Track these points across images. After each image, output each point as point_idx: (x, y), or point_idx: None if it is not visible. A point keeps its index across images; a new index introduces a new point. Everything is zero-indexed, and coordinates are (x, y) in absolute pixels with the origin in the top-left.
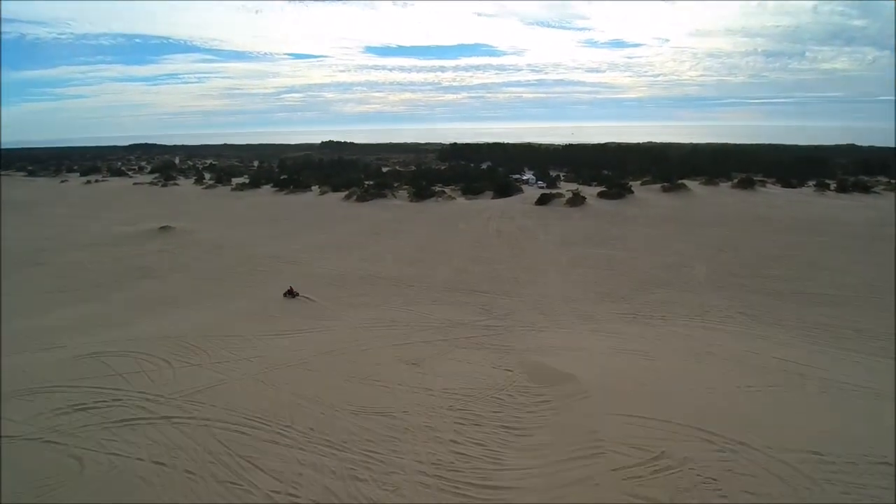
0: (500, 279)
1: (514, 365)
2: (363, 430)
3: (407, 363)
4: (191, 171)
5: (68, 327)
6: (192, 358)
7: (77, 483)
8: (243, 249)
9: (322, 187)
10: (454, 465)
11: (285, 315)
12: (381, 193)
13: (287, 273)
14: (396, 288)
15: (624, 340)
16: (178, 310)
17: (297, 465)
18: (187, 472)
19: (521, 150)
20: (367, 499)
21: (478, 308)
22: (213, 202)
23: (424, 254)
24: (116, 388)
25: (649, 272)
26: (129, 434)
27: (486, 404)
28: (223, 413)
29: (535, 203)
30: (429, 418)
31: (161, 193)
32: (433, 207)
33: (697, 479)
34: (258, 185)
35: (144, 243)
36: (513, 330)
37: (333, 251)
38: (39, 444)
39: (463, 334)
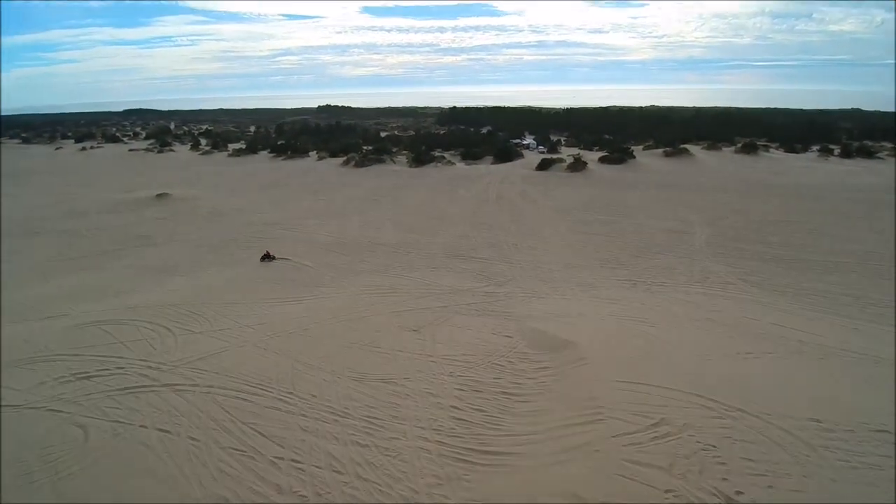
0: (500, 245)
1: (513, 332)
2: (365, 397)
3: (407, 330)
4: (186, 137)
5: (68, 296)
6: (194, 325)
7: (82, 451)
8: (242, 216)
9: (320, 153)
10: (455, 430)
11: (285, 282)
12: (379, 159)
13: (286, 240)
14: (396, 254)
15: (624, 307)
16: (178, 277)
17: (300, 432)
18: (191, 439)
19: (522, 113)
20: (368, 463)
21: (478, 274)
22: (209, 169)
23: (424, 220)
24: (119, 356)
25: (650, 238)
26: (132, 402)
27: (487, 371)
28: (226, 380)
29: (536, 168)
30: (430, 384)
31: (157, 160)
32: (432, 173)
33: (697, 445)
34: (255, 150)
35: (142, 211)
36: (513, 296)
37: (332, 218)
38: (43, 413)
39: (463, 301)
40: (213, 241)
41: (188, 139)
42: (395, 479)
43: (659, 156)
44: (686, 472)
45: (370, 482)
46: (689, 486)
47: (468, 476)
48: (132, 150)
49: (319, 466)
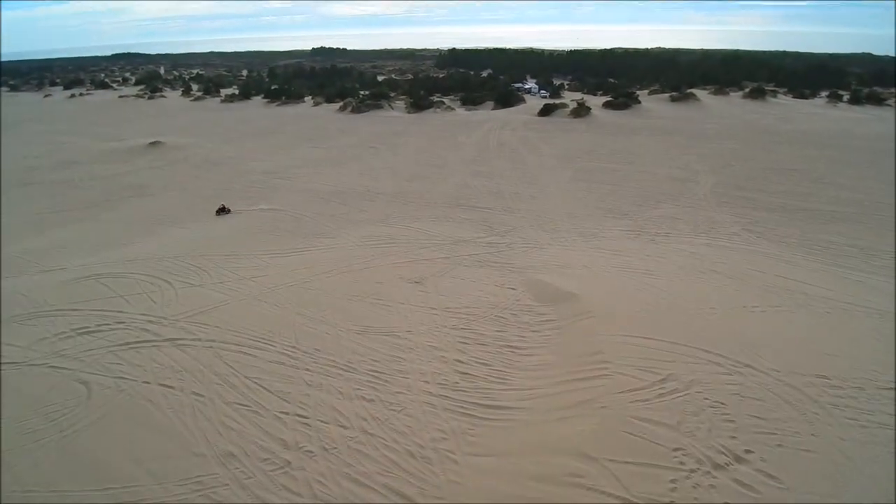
0: (501, 194)
1: (516, 283)
2: (368, 350)
3: (409, 281)
4: (177, 82)
5: (64, 248)
6: (193, 278)
7: (86, 408)
8: (236, 165)
9: (315, 98)
10: (459, 385)
11: (284, 233)
12: (377, 104)
13: (282, 189)
14: (396, 204)
15: (627, 258)
16: (174, 228)
17: (304, 386)
18: (195, 395)
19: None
20: (373, 418)
21: (479, 224)
22: (202, 115)
23: (423, 168)
24: (119, 310)
25: (654, 187)
26: (134, 357)
27: (490, 323)
28: (228, 334)
29: (538, 114)
30: (433, 337)
31: (148, 106)
32: (432, 118)
33: (705, 402)
34: (248, 96)
35: (135, 159)
36: (515, 247)
37: (330, 166)
38: (45, 370)
39: (465, 252)
40: (208, 191)
41: (179, 84)
42: (401, 434)
43: (665, 101)
44: (694, 429)
45: (375, 437)
46: (698, 444)
47: (473, 430)
48: (122, 96)
49: (325, 421)
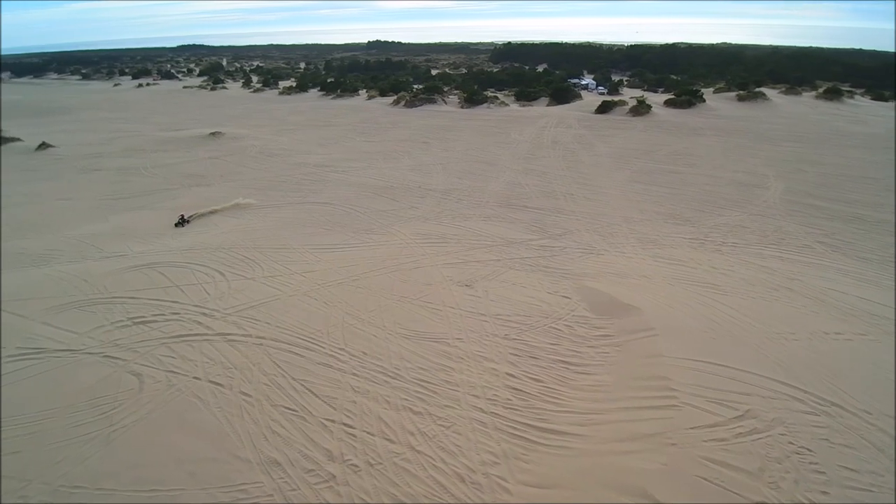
0: (554, 195)
1: (571, 291)
2: (416, 357)
3: (459, 284)
4: (238, 74)
5: (125, 235)
6: (245, 271)
7: (136, 402)
8: (290, 157)
9: (369, 91)
10: (511, 402)
11: (334, 227)
12: (430, 98)
13: (334, 182)
14: (446, 201)
15: (690, 269)
16: (228, 219)
17: (352, 392)
18: (243, 394)
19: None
20: (421, 433)
21: (531, 226)
22: (260, 106)
23: (475, 165)
24: (174, 300)
25: (719, 191)
26: (186, 350)
27: (543, 335)
28: (277, 332)
29: (595, 111)
30: (483, 347)
31: (210, 97)
32: (484, 114)
33: (789, 447)
34: (305, 88)
35: (195, 149)
36: (569, 251)
37: (381, 160)
38: (100, 359)
39: (516, 254)
40: (262, 182)
41: (240, 76)
42: (449, 453)
43: (731, 99)
44: (778, 479)
45: (423, 454)
46: (784, 498)
47: (526, 456)
48: (186, 86)
49: (371, 433)
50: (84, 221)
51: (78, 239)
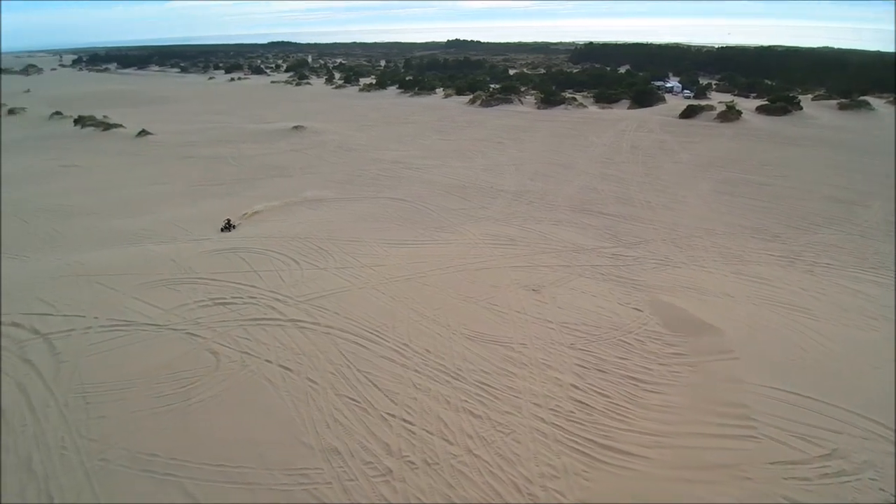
0: (630, 201)
1: (644, 304)
2: (479, 359)
3: (526, 288)
4: (322, 71)
5: (211, 219)
6: (319, 260)
7: (212, 379)
8: (368, 153)
9: (446, 90)
10: (574, 415)
11: (406, 223)
12: (506, 98)
13: (408, 179)
14: (518, 203)
15: (778, 289)
16: (307, 210)
17: (413, 389)
18: (310, 381)
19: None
20: (480, 437)
21: (604, 232)
22: (341, 102)
23: (548, 167)
24: (251, 284)
25: (813, 207)
26: (260, 334)
27: (611, 348)
28: (345, 322)
29: (679, 116)
30: (548, 355)
31: (295, 92)
32: (561, 115)
33: (881, 495)
34: (384, 86)
35: (278, 142)
36: (643, 262)
37: (455, 158)
38: (182, 336)
39: (588, 261)
40: (339, 176)
41: (323, 72)
42: (507, 461)
43: (832, 108)
44: None
45: (481, 459)
46: None
47: (587, 473)
48: (274, 81)
49: (430, 432)
50: (176, 205)
51: (169, 221)
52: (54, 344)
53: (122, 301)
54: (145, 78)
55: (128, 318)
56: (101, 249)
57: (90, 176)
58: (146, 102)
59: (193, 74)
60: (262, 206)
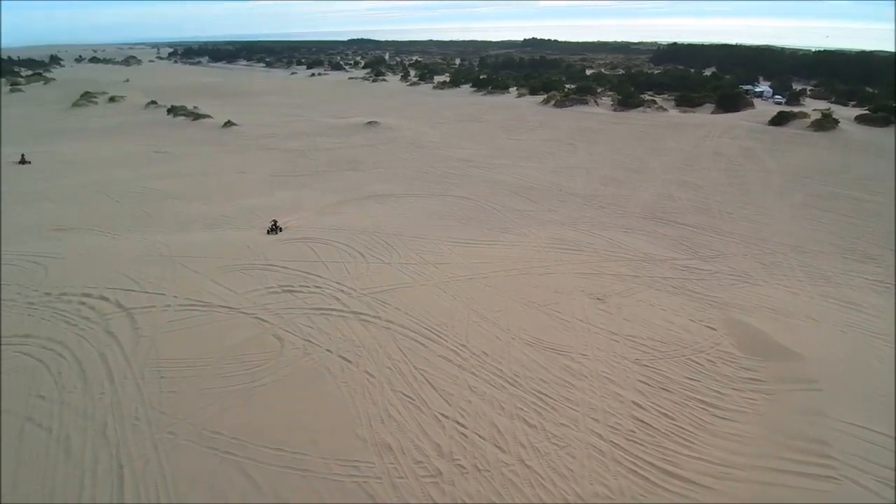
0: (709, 211)
1: (718, 322)
2: (536, 366)
3: (591, 297)
4: (398, 68)
5: (286, 209)
6: (384, 255)
7: (276, 363)
8: (438, 150)
9: (520, 89)
10: (634, 434)
11: (471, 223)
12: (581, 99)
13: (476, 178)
14: (588, 207)
15: (869, 317)
16: (375, 204)
17: (468, 391)
18: (367, 374)
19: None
20: (533, 448)
21: (678, 243)
22: (415, 99)
23: (621, 172)
24: (318, 274)
25: None
26: (323, 323)
27: (679, 366)
28: (405, 318)
29: (769, 122)
30: (610, 368)
31: (371, 88)
32: (639, 118)
33: None
34: (458, 84)
35: (352, 136)
36: (720, 277)
37: (524, 159)
38: (251, 320)
39: (658, 273)
40: (409, 171)
41: (399, 70)
42: (560, 476)
43: None
44: None
45: (532, 471)
46: None
47: (645, 498)
48: (351, 78)
49: (482, 437)
50: (254, 194)
51: (247, 209)
52: (135, 319)
53: (200, 282)
54: (233, 72)
55: (204, 299)
56: (184, 232)
57: (178, 162)
58: (232, 95)
59: (277, 69)
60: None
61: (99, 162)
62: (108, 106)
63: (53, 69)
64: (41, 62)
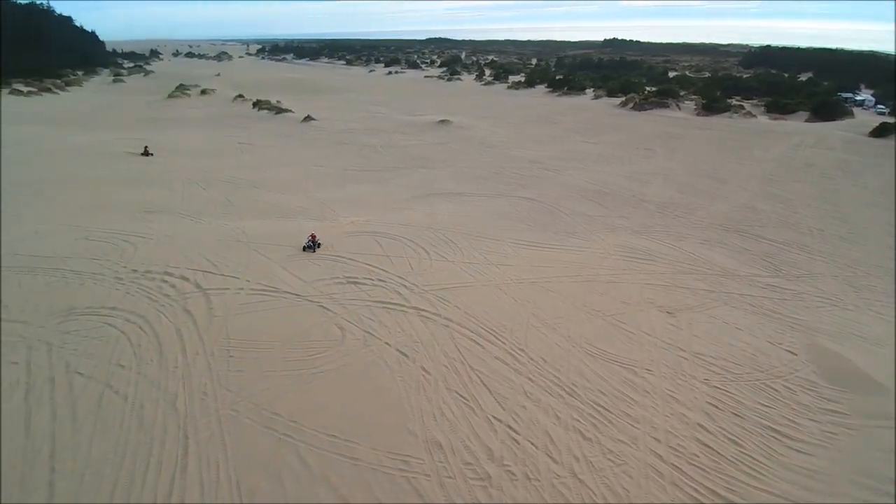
0: (797, 227)
1: (799, 347)
2: (597, 378)
3: (660, 310)
4: (473, 67)
5: (356, 203)
6: (448, 252)
7: (336, 352)
8: (508, 150)
9: (597, 91)
10: (698, 459)
11: (536, 225)
12: (662, 102)
13: (545, 180)
14: (662, 216)
15: None
16: (443, 202)
17: (523, 397)
18: (423, 370)
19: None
20: (587, 462)
21: (760, 259)
22: (488, 99)
23: (701, 180)
24: (382, 268)
25: None
26: (384, 316)
27: (753, 391)
28: (464, 317)
29: (870, 134)
30: (675, 386)
31: (445, 87)
32: (724, 124)
33: None
34: (532, 84)
35: (425, 134)
36: (805, 298)
37: (596, 162)
38: (316, 308)
39: (735, 289)
40: (479, 171)
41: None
42: (614, 494)
43: None
44: None
45: (585, 486)
46: None
47: None
48: (427, 76)
49: (535, 445)
50: (328, 186)
51: (321, 201)
52: (211, 299)
53: (272, 269)
54: (315, 68)
55: (274, 284)
56: (261, 220)
57: (260, 154)
58: (313, 91)
59: (357, 67)
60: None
61: (189, 151)
62: (200, 98)
63: (153, 62)
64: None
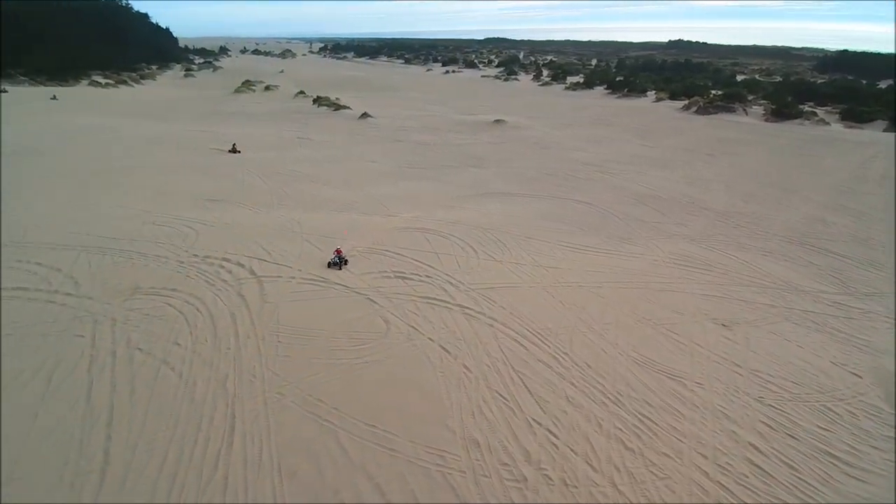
0: (870, 242)
1: (865, 370)
2: (643, 388)
3: (714, 322)
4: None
5: (407, 199)
6: (496, 252)
7: (379, 344)
8: (562, 152)
9: (659, 93)
10: (747, 479)
11: (589, 229)
12: (728, 107)
13: (598, 183)
14: (722, 224)
15: None
16: (494, 202)
17: (564, 402)
18: (465, 368)
19: None
20: (628, 472)
21: (827, 274)
22: (544, 99)
23: (766, 189)
24: (430, 265)
25: None
26: (429, 312)
27: (811, 413)
28: (509, 318)
29: None
30: (727, 402)
31: (501, 87)
32: (794, 131)
33: None
34: (591, 85)
35: (479, 133)
36: (875, 319)
37: (653, 167)
38: (363, 300)
39: (798, 305)
40: (531, 171)
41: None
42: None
43: None
44: None
45: (624, 496)
46: None
47: None
48: (484, 76)
49: (574, 451)
50: (381, 183)
51: (373, 196)
52: (264, 286)
53: (323, 260)
54: (374, 67)
55: (323, 275)
56: (315, 212)
57: (318, 149)
58: (371, 88)
59: (415, 66)
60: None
61: (251, 144)
62: (264, 94)
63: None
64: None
